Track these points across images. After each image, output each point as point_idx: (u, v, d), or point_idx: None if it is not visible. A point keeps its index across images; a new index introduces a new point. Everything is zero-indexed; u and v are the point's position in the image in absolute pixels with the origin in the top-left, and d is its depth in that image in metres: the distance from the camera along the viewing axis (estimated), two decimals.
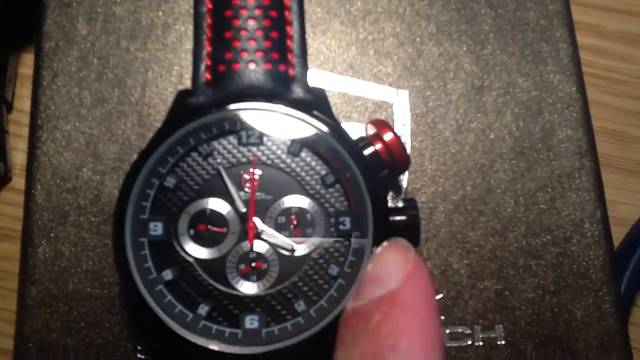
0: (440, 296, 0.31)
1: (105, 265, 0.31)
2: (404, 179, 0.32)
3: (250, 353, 0.25)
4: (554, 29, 0.35)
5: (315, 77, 0.34)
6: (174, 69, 0.34)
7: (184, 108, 0.29)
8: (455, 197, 0.32)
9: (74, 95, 0.34)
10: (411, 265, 0.24)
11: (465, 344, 0.30)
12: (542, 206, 0.32)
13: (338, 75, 0.34)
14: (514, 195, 0.32)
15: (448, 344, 0.30)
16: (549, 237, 0.32)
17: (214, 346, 0.25)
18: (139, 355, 0.30)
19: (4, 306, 0.35)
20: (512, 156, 0.33)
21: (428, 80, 0.34)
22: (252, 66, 0.29)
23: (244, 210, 0.27)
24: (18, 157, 0.38)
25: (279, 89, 0.29)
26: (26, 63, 0.40)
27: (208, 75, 0.29)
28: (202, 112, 0.28)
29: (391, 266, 0.25)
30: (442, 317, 0.31)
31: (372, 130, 0.29)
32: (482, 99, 0.34)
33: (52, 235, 0.31)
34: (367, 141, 0.28)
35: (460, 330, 0.31)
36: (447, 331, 0.31)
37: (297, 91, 0.29)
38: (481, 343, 0.30)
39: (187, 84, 0.33)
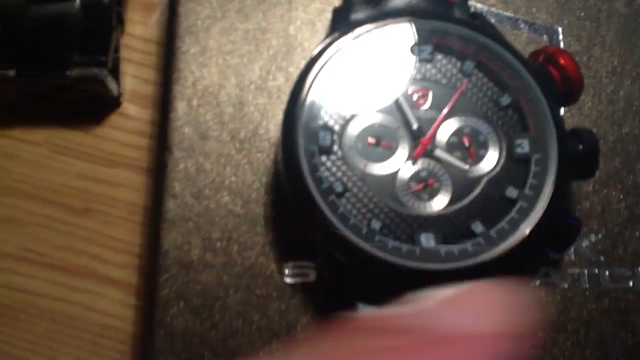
0: (599, 236, 0.30)
1: (250, 182, 0.30)
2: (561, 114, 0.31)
3: (430, 269, 0.24)
4: None
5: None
6: None
7: (347, 23, 0.28)
8: (612, 138, 0.31)
9: (217, 7, 0.32)
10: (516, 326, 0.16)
11: (627, 285, 0.29)
12: None
13: (491, 7, 0.33)
14: None
15: (608, 286, 0.29)
16: None
17: (394, 259, 0.24)
18: (284, 279, 0.29)
19: (112, 234, 0.33)
20: None
21: (581, 19, 0.33)
22: None
23: (415, 126, 0.26)
24: (128, 82, 0.37)
25: (439, 10, 0.28)
26: None
27: None
28: (364, 24, 0.27)
29: (495, 308, 0.16)
30: (602, 258, 0.29)
31: (541, 57, 0.28)
32: (636, 42, 0.32)
33: (194, 149, 0.30)
34: (539, 64, 0.27)
35: (620, 271, 0.29)
36: (607, 272, 0.29)
37: (459, 14, 0.28)
38: None
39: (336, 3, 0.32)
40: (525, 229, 0.24)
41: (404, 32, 0.27)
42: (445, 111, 0.26)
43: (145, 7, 0.36)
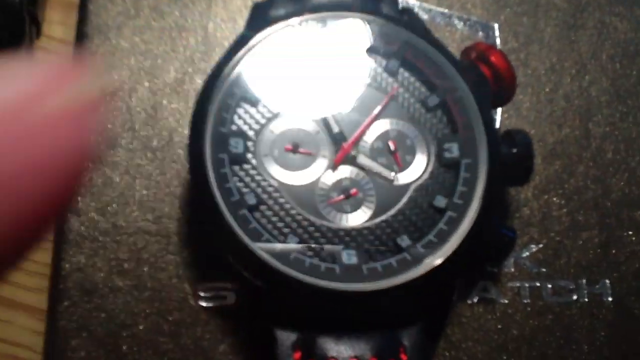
0: (540, 246, 0.28)
1: (162, 196, 0.27)
2: (497, 117, 0.29)
3: (352, 290, 0.21)
4: None
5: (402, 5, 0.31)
6: None
7: (264, 19, 0.25)
8: (552, 139, 0.29)
9: (130, 4, 0.30)
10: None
11: (570, 299, 0.27)
12: None
13: (424, 3, 0.31)
14: (614, 141, 0.29)
15: (550, 299, 0.27)
16: None
17: (312, 280, 0.21)
18: (200, 303, 0.26)
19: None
20: (609, 99, 0.30)
21: (518, 14, 0.31)
22: None
23: (337, 130, 0.24)
24: None
25: (365, 5, 0.26)
26: None
27: None
28: (286, 20, 0.25)
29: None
30: (544, 269, 0.27)
31: (472, 54, 0.26)
32: (575, 38, 0.31)
33: (100, 159, 0.27)
34: (470, 62, 0.25)
35: (563, 284, 0.27)
36: (549, 285, 0.27)
37: (387, 9, 0.26)
38: (587, 299, 0.27)
39: None
40: (455, 241, 0.22)
41: (326, 28, 0.25)
42: (371, 115, 0.24)
43: (65, 7, 0.33)
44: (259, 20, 0.26)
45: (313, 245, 0.22)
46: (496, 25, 0.31)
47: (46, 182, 0.12)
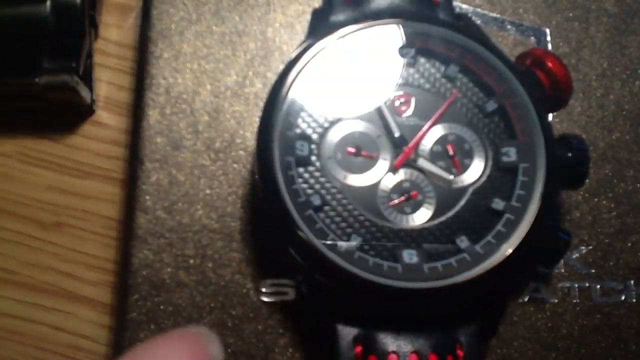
0: (590, 247, 0.28)
1: (225, 195, 0.28)
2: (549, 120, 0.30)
3: (413, 288, 0.22)
4: None
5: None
6: None
7: (325, 25, 0.26)
8: (602, 144, 0.30)
9: (191, 10, 0.31)
10: None
11: (618, 300, 0.28)
12: None
13: (476, 8, 0.32)
14: None
15: (599, 300, 0.28)
16: None
17: (375, 278, 0.22)
18: (261, 298, 0.27)
19: (83, 249, 0.32)
20: None
21: (569, 19, 0.32)
22: None
23: (397, 134, 0.25)
24: (102, 88, 0.36)
25: (422, 11, 0.27)
26: None
27: None
28: (345, 27, 0.26)
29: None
30: (593, 271, 0.28)
31: (528, 60, 0.27)
32: (626, 44, 0.31)
33: (166, 159, 0.29)
34: (526, 68, 0.26)
35: (612, 285, 0.28)
36: (598, 286, 0.28)
37: (443, 15, 0.27)
38: (635, 300, 0.28)
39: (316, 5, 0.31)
40: (513, 243, 0.23)
41: (386, 35, 0.26)
42: (431, 120, 0.25)
43: (121, 10, 0.35)
44: (319, 26, 0.27)
45: (375, 243, 0.23)
46: (548, 31, 0.31)
47: None
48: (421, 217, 0.24)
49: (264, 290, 0.27)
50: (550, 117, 0.30)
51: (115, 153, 0.32)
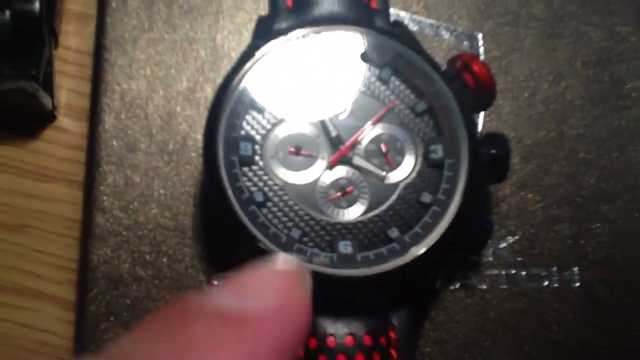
0: (517, 237, 0.31)
1: (178, 195, 0.30)
2: (479, 121, 0.32)
3: (347, 275, 0.24)
4: None
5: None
6: None
7: (268, 32, 0.28)
8: (530, 141, 0.32)
9: (144, 18, 0.32)
10: (298, 303, 0.19)
11: (542, 285, 0.30)
12: (613, 154, 0.32)
13: (414, 15, 0.34)
14: (586, 142, 0.32)
15: (525, 285, 0.30)
16: (620, 183, 0.32)
17: (312, 267, 0.24)
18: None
19: (46, 250, 0.33)
20: (583, 103, 0.33)
21: (500, 25, 0.34)
22: None
23: (334, 134, 0.27)
24: (62, 95, 0.37)
25: (361, 18, 0.29)
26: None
27: (289, 2, 0.29)
28: (288, 33, 0.27)
29: (277, 288, 0.19)
30: (520, 259, 0.30)
31: (457, 64, 0.29)
32: (553, 47, 0.34)
33: (122, 162, 0.30)
34: (455, 71, 0.28)
35: (536, 271, 0.30)
36: (524, 273, 0.30)
37: (380, 22, 0.29)
38: (557, 285, 0.30)
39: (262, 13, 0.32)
40: (438, 232, 0.25)
41: (326, 40, 0.28)
42: (368, 122, 0.27)
43: (80, 19, 0.36)
44: (263, 32, 0.29)
45: (313, 236, 0.25)
46: (480, 35, 0.34)
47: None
48: (356, 211, 0.26)
49: (215, 283, 0.29)
50: (480, 116, 0.32)
51: (77, 157, 0.33)
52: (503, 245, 0.31)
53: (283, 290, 0.19)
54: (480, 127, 0.32)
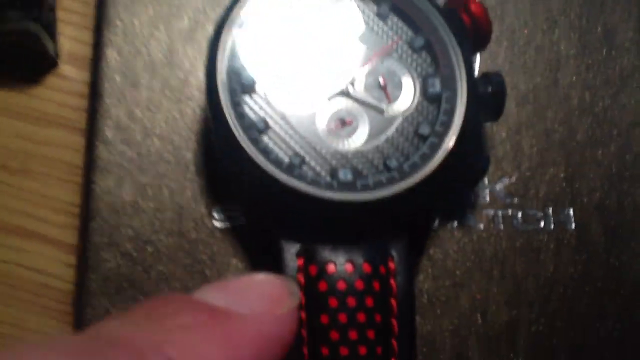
0: (513, 179, 0.31)
1: (179, 129, 0.31)
2: (476, 65, 0.33)
3: (346, 200, 0.25)
4: None
5: None
6: None
7: None
8: (524, 87, 0.33)
9: None
10: (284, 310, 0.21)
11: (538, 226, 0.31)
12: (606, 101, 0.33)
13: None
14: (579, 89, 0.33)
15: (520, 226, 0.31)
16: (614, 129, 0.32)
17: (312, 191, 0.25)
18: (215, 223, 0.30)
19: (51, 194, 0.33)
20: (576, 52, 0.33)
21: None
22: None
23: (335, 65, 0.27)
24: (65, 43, 0.37)
25: None
26: None
27: None
28: None
29: (264, 294, 0.21)
30: (515, 200, 0.31)
31: (455, 2, 0.29)
32: None
33: (124, 96, 0.31)
34: (453, 10, 0.28)
35: (532, 212, 0.31)
36: (520, 213, 0.31)
37: None
38: (552, 226, 0.31)
39: None
40: (435, 162, 0.26)
41: None
42: (369, 58, 0.28)
43: None
44: None
45: (313, 164, 0.26)
46: None
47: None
48: (356, 141, 0.27)
49: (216, 216, 0.30)
50: (477, 62, 0.33)
51: (79, 105, 0.34)
52: (499, 186, 0.31)
53: (271, 298, 0.21)
54: (476, 73, 0.33)
